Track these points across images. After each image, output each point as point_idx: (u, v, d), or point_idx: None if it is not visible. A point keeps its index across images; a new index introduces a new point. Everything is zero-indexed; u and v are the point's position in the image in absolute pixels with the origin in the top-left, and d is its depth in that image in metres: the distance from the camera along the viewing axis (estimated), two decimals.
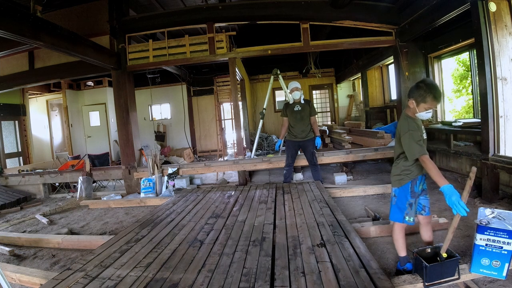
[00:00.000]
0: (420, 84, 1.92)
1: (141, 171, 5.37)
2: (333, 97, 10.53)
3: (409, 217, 2.03)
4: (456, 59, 7.66)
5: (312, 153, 4.46)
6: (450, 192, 1.71)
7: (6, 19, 3.13)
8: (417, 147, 1.90)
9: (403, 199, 2.05)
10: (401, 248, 2.09)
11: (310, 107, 4.45)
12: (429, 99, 1.87)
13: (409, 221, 2.04)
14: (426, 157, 1.87)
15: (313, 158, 4.48)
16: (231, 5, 5.64)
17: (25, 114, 7.70)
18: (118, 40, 5.44)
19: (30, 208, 5.13)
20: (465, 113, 7.55)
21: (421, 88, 1.89)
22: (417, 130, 1.94)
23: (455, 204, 1.68)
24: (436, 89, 1.87)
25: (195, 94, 9.80)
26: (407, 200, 2.03)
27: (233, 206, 3.48)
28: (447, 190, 1.72)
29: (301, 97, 4.46)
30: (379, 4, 5.12)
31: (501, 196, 3.35)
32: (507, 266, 1.83)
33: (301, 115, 4.39)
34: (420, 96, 1.89)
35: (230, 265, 2.03)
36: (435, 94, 1.86)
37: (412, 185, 2.03)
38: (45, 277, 2.23)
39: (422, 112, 1.93)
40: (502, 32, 3.27)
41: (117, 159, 8.21)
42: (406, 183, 2.03)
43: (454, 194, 1.70)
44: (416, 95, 1.91)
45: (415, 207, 2.05)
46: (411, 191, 2.03)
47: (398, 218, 2.07)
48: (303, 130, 4.39)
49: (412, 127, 1.95)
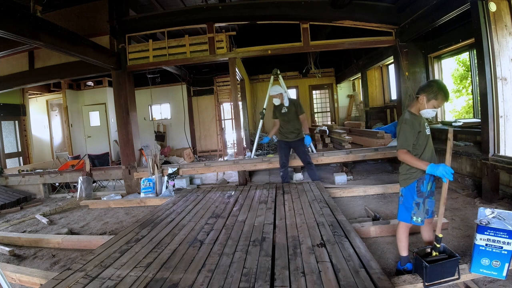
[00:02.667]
0: (432, 82, 2.00)
1: (141, 171, 5.37)
2: (333, 97, 10.53)
3: (416, 217, 2.02)
4: (456, 59, 7.66)
5: (304, 152, 4.47)
6: (435, 167, 1.82)
7: (6, 19, 3.12)
8: (400, 140, 1.98)
9: (410, 198, 2.05)
10: (404, 248, 2.09)
11: (296, 107, 4.45)
12: (440, 97, 1.93)
13: (417, 222, 2.02)
14: (401, 151, 1.96)
15: (307, 157, 4.48)
16: (231, 5, 5.64)
17: (25, 114, 7.70)
18: (118, 40, 5.44)
19: (30, 208, 5.13)
20: (465, 113, 7.55)
21: (434, 86, 1.94)
22: (411, 125, 1.97)
23: (443, 174, 1.78)
24: (447, 89, 1.95)
25: (195, 94, 9.81)
26: (413, 199, 2.03)
27: (233, 206, 3.48)
28: (431, 168, 1.83)
29: (284, 100, 4.46)
30: (379, 4, 5.12)
31: (501, 196, 3.35)
32: (507, 266, 1.83)
33: (288, 117, 4.42)
34: (433, 92, 1.93)
35: (230, 265, 2.03)
36: (446, 93, 1.93)
37: (419, 184, 2.02)
38: (45, 277, 2.23)
39: (429, 109, 1.97)
40: (502, 32, 3.27)
41: (117, 159, 8.21)
42: (412, 183, 2.03)
43: (439, 166, 1.80)
44: (429, 91, 1.95)
45: (424, 207, 2.03)
46: (417, 191, 2.02)
47: (406, 218, 2.06)
48: (292, 131, 4.42)
49: (407, 121, 2.00)
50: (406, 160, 1.96)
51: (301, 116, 4.43)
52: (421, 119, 2.03)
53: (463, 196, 3.66)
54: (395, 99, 6.46)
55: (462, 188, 3.82)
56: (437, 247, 1.90)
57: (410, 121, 1.99)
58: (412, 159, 1.93)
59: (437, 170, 1.80)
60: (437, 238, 1.89)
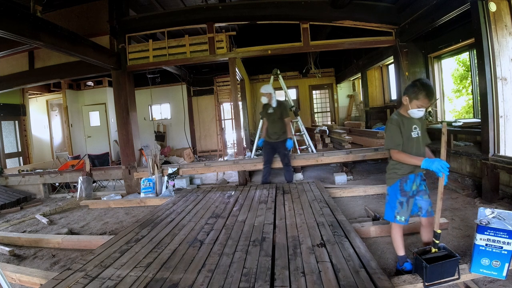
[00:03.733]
0: (415, 82, 1.97)
1: (141, 171, 5.37)
2: (333, 97, 10.53)
3: (400, 216, 2.02)
4: (456, 59, 7.65)
5: (284, 154, 4.58)
6: (430, 162, 1.81)
7: (6, 19, 3.13)
8: (387, 140, 2.01)
9: (393, 197, 2.07)
10: (399, 247, 2.09)
11: (282, 109, 4.51)
12: (421, 97, 1.91)
13: (401, 221, 2.03)
14: (393, 151, 1.98)
15: (285, 159, 4.60)
16: (231, 5, 5.64)
17: (25, 114, 7.70)
18: (118, 40, 5.44)
19: (30, 208, 5.13)
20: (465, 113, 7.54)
21: (416, 86, 1.94)
22: (396, 124, 1.98)
23: (439, 168, 1.77)
24: (429, 88, 1.92)
25: (195, 94, 9.81)
26: (397, 198, 2.04)
27: (233, 206, 3.48)
28: (426, 163, 1.82)
29: (272, 101, 4.51)
30: (379, 4, 5.12)
31: (501, 196, 3.35)
32: (507, 266, 1.83)
33: (273, 117, 4.50)
34: (414, 93, 1.93)
35: (230, 265, 2.03)
36: (427, 92, 1.90)
37: (402, 183, 2.03)
38: (45, 277, 2.23)
39: (414, 109, 1.96)
40: (502, 32, 3.27)
41: (117, 159, 8.21)
42: (395, 182, 2.05)
43: (434, 161, 1.80)
44: (410, 92, 1.96)
45: (408, 206, 2.03)
46: (400, 190, 2.03)
47: (390, 216, 2.09)
48: (275, 132, 4.51)
49: (392, 121, 2.02)
50: (400, 159, 1.96)
51: (286, 119, 4.51)
52: (410, 119, 2.02)
53: (463, 196, 3.66)
54: (395, 99, 6.46)
55: (462, 188, 3.82)
56: (436, 244, 1.90)
57: (395, 120, 2.01)
58: (406, 157, 1.93)
59: (432, 165, 1.79)
60: (436, 234, 1.89)
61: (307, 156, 5.20)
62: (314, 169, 5.98)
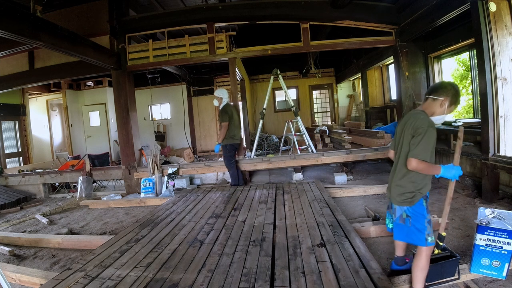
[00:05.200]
0: (453, 84, 1.76)
1: (141, 171, 5.37)
2: (333, 97, 10.53)
3: (431, 237, 1.74)
4: (456, 59, 7.66)
5: (224, 157, 4.78)
6: (447, 170, 1.68)
7: (6, 19, 3.12)
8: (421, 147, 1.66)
9: (420, 218, 1.76)
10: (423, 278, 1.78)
11: (221, 114, 4.73)
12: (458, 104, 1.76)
13: (432, 242, 1.75)
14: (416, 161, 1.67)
15: (224, 161, 4.78)
16: (231, 5, 5.64)
17: (25, 114, 7.69)
18: (118, 40, 5.44)
19: (30, 208, 5.13)
20: (465, 113, 7.54)
21: (456, 90, 1.73)
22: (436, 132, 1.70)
23: (455, 176, 1.69)
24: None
25: (195, 94, 9.80)
26: (424, 218, 1.76)
27: (233, 206, 3.48)
28: (445, 171, 1.68)
29: (221, 106, 4.78)
30: (379, 4, 5.12)
31: (501, 196, 3.34)
32: (507, 266, 1.84)
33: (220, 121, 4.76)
34: (455, 96, 1.72)
35: (230, 265, 2.03)
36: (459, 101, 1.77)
37: (425, 199, 1.80)
38: (45, 277, 2.23)
39: (446, 115, 1.75)
40: (502, 32, 3.27)
41: (117, 159, 8.21)
42: (419, 200, 1.77)
43: (452, 169, 1.68)
44: (452, 94, 1.72)
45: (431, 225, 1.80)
46: (426, 207, 1.78)
47: (421, 240, 1.74)
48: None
49: (434, 125, 1.70)
50: (423, 170, 1.68)
51: (222, 123, 4.68)
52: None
53: (463, 196, 3.66)
54: (395, 99, 6.45)
55: (462, 188, 3.82)
56: (439, 245, 1.89)
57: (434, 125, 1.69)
58: (429, 167, 1.68)
59: (450, 173, 1.67)
60: (440, 236, 1.88)
61: (307, 156, 5.20)
62: (314, 169, 5.97)
